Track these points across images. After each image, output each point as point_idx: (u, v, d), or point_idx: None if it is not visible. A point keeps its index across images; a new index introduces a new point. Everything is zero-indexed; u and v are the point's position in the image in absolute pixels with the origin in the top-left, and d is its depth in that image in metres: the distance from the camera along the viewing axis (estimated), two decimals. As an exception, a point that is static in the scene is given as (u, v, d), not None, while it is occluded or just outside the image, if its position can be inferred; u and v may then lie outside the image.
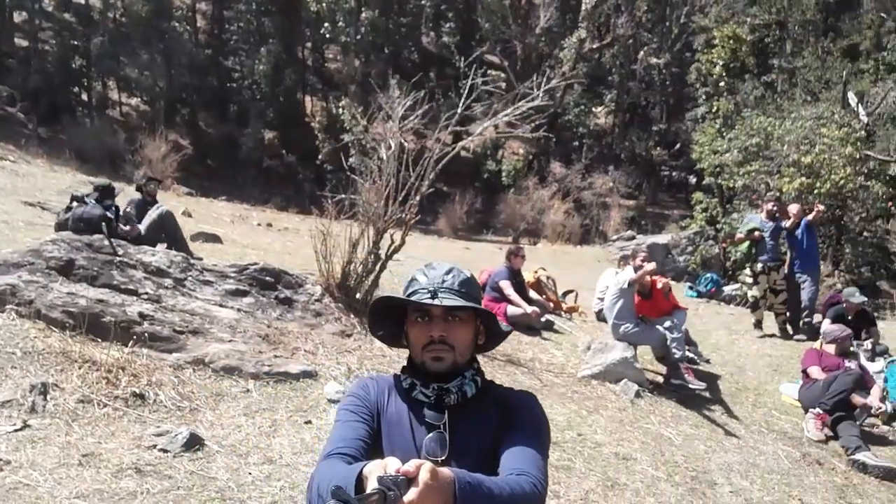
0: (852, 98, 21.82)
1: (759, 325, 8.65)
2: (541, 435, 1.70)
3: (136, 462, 3.76)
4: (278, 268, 6.42)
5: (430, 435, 1.66)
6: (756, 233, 8.14)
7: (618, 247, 18.65)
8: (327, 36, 27.25)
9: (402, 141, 6.15)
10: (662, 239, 18.68)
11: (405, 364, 1.85)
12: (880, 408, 5.55)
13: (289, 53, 27.96)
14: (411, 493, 1.22)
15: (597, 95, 30.92)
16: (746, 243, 8.28)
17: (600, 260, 17.82)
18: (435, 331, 1.70)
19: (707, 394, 5.91)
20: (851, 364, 5.88)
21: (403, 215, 6.32)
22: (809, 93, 23.15)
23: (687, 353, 6.14)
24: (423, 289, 1.75)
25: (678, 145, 30.12)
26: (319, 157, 25.68)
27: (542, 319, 7.18)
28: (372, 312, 1.87)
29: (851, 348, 6.22)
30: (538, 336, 6.98)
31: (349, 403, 1.77)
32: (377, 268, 6.36)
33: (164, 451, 3.93)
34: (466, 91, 6.32)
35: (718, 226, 18.95)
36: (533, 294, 7.60)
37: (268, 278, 6.26)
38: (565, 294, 8.61)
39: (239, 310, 5.88)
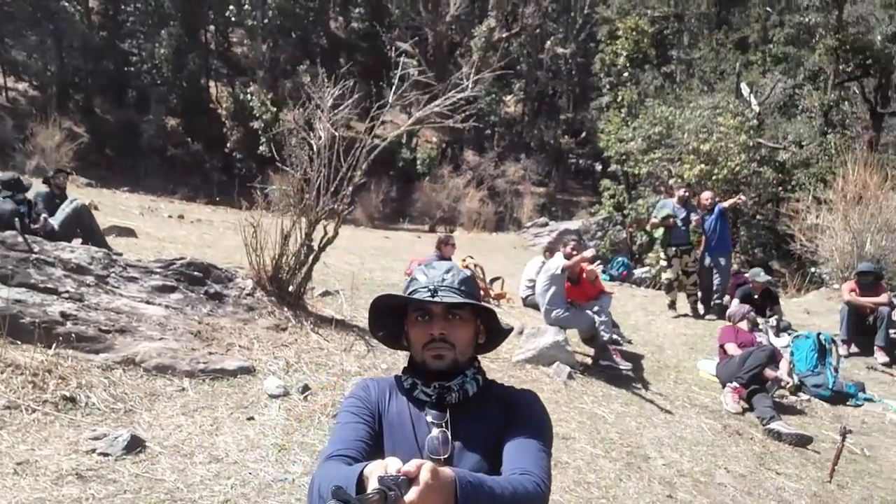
0: (745, 88, 23.28)
1: (673, 305, 9.14)
2: (543, 433, 1.69)
3: (75, 468, 3.61)
4: (206, 262, 6.24)
5: (432, 434, 1.66)
6: (670, 219, 8.56)
7: (532, 233, 19.15)
8: (233, 19, 26.33)
9: (334, 131, 6.09)
10: (574, 225, 19.33)
11: (406, 365, 1.84)
12: (788, 381, 6.02)
13: (191, 36, 26.86)
14: (412, 493, 1.22)
15: (506, 84, 31.45)
16: (661, 228, 8.70)
17: (516, 246, 18.24)
18: (435, 329, 1.70)
19: (632, 373, 6.21)
20: (763, 340, 6.35)
21: (336, 206, 6.26)
22: (706, 83, 24.47)
23: (613, 335, 6.43)
24: (423, 287, 1.74)
25: (584, 134, 31.12)
26: (228, 144, 24.88)
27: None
28: (372, 313, 1.85)
29: (760, 326, 6.71)
30: (470, 323, 7.10)
31: (350, 405, 1.76)
32: (310, 259, 6.29)
33: (105, 454, 3.79)
34: (396, 80, 6.33)
35: (625, 211, 19.77)
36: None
37: (196, 273, 6.07)
38: (492, 281, 8.79)
39: (167, 306, 5.68)
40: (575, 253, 6.15)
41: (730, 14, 33.61)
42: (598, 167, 31.65)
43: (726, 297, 8.78)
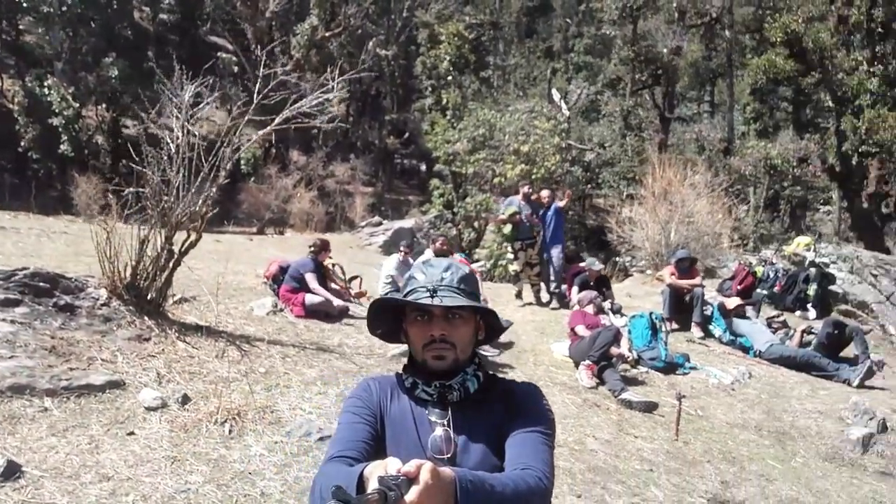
0: (555, 94, 25.18)
1: (519, 295, 9.80)
2: (545, 426, 1.69)
3: (-50, 503, 3.27)
4: (53, 272, 5.75)
5: (435, 433, 1.67)
6: (516, 215, 9.16)
7: (367, 232, 19.33)
8: (24, 4, 23.60)
9: (194, 130, 5.89)
10: (408, 224, 19.79)
11: (406, 363, 1.85)
12: (630, 356, 6.78)
13: (-30, 22, 23.72)
14: (412, 493, 1.23)
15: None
16: (509, 224, 9.29)
17: (352, 246, 18.28)
18: (435, 330, 1.68)
19: (497, 359, 6.65)
20: (606, 321, 7.09)
21: (198, 208, 6.05)
22: (520, 88, 26.16)
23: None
24: (421, 287, 1.72)
25: (407, 134, 31.84)
26: (21, 143, 22.33)
27: (338, 304, 7.38)
28: (370, 312, 1.84)
29: (605, 308, 7.49)
30: (338, 323, 7.17)
31: (351, 405, 1.74)
32: (171, 265, 6.01)
33: (-20, 485, 3.45)
34: (260, 79, 6.25)
35: (455, 209, 20.59)
36: (331, 284, 7.79)
37: (42, 284, 5.58)
38: (351, 280, 8.88)
39: (13, 321, 5.18)
40: (445, 248, 6.46)
41: (536, 24, 36.12)
42: (424, 167, 32.52)
43: (564, 286, 9.58)
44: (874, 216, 21.85)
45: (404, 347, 5.95)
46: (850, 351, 8.20)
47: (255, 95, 6.23)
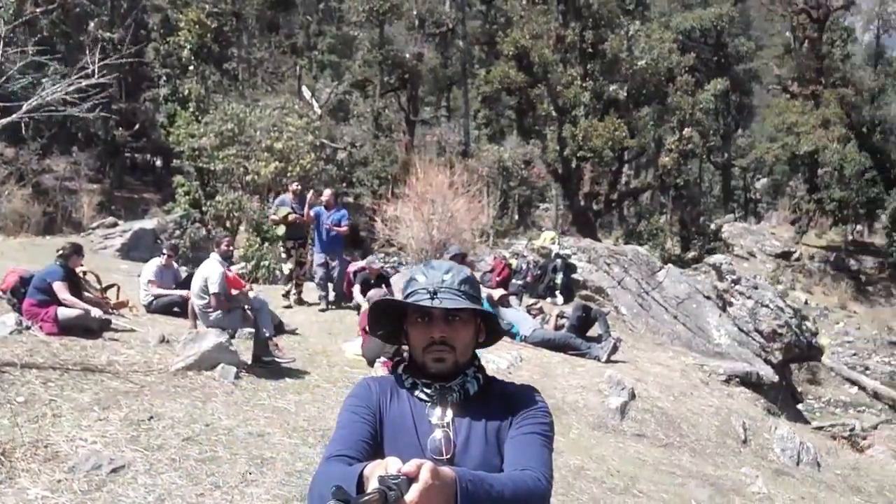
0: (306, 91, 24.86)
1: (299, 296, 9.49)
2: (544, 427, 1.72)
3: None
4: None
5: (435, 434, 1.67)
6: (290, 216, 8.86)
7: (101, 234, 17.32)
8: None
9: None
10: (149, 224, 18.12)
11: (406, 364, 1.82)
12: (407, 349, 6.97)
13: None
14: (412, 493, 1.23)
15: (41, 66, 27.28)
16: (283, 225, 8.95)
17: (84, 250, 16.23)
18: (436, 332, 1.69)
19: (291, 365, 6.39)
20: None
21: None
22: (269, 84, 25.36)
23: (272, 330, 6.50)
24: (422, 289, 1.71)
25: (138, 126, 29.07)
26: None
27: (98, 317, 6.49)
28: (371, 313, 1.83)
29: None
30: (101, 338, 6.30)
31: (350, 405, 1.72)
32: None
33: None
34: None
35: (204, 208, 19.31)
36: (86, 294, 6.79)
37: None
38: (107, 289, 7.86)
39: None
40: (231, 249, 6.05)
41: (279, 18, 35.30)
42: (160, 162, 30.02)
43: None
44: (589, 212, 25.08)
45: (189, 361, 5.45)
46: (595, 331, 9.31)
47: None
